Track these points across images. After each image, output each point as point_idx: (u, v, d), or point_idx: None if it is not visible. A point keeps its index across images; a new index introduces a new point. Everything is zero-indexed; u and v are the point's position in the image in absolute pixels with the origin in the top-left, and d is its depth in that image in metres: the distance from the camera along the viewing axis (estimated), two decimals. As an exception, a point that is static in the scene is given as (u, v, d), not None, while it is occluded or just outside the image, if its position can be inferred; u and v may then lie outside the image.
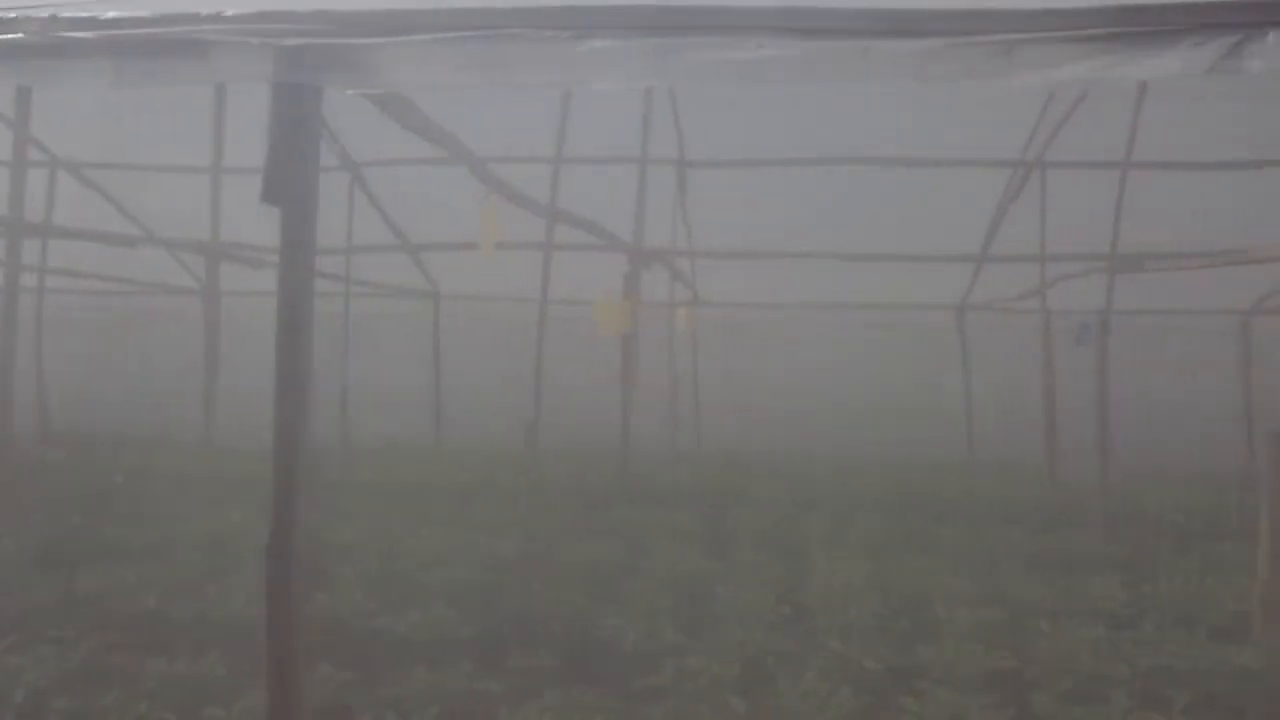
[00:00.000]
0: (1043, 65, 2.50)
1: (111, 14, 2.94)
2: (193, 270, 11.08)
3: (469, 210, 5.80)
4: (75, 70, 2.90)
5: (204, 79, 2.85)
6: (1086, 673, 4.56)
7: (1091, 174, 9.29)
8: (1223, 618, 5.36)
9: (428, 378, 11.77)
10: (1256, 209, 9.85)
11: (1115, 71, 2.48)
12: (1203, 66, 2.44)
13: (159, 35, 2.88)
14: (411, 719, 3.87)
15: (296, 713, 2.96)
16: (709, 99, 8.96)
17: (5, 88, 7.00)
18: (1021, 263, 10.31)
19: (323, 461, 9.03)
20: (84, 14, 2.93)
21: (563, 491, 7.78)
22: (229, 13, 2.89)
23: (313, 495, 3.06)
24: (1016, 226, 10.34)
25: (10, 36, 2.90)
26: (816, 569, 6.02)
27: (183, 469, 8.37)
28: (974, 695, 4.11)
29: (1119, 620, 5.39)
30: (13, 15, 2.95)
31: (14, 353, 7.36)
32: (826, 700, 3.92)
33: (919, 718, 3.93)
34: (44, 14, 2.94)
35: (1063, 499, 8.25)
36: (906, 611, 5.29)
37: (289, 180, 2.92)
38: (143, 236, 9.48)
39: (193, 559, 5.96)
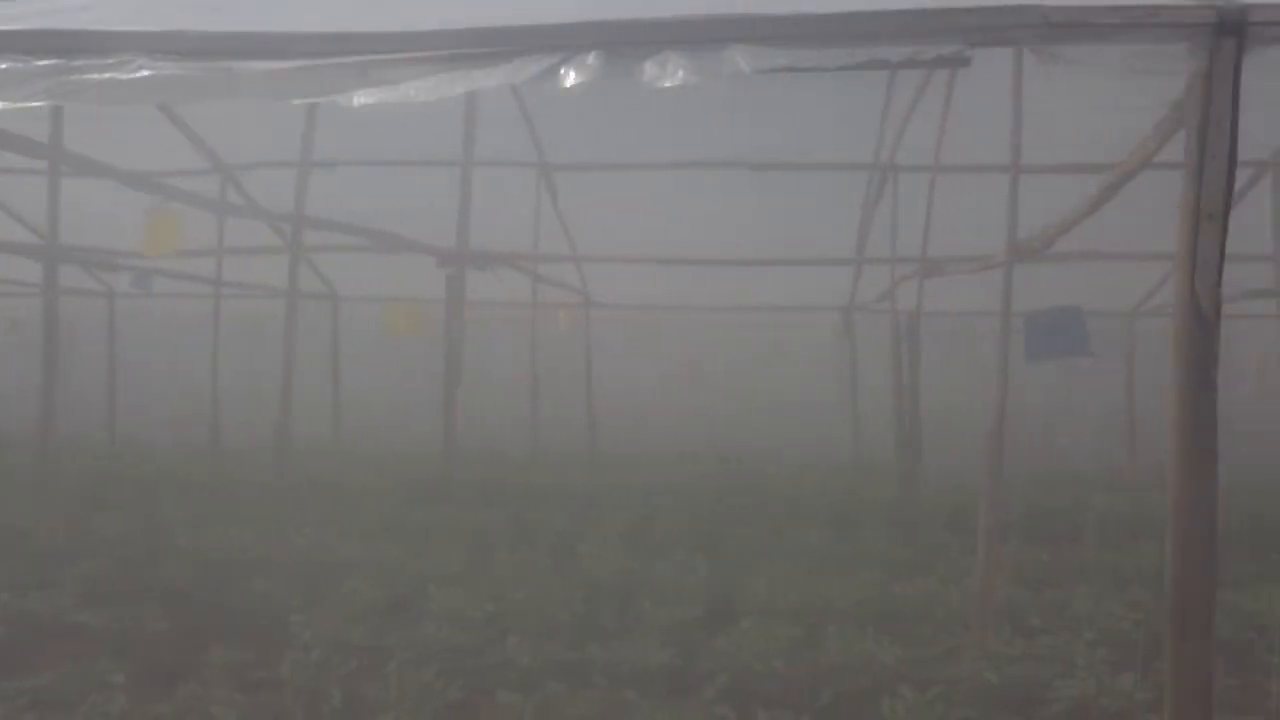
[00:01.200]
0: (393, 82, 2.67)
1: None
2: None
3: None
4: None
5: None
6: (747, 671, 4.69)
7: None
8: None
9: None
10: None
11: (456, 88, 2.65)
12: (522, 79, 2.61)
13: None
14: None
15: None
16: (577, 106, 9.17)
17: None
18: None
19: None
20: None
21: (372, 491, 7.98)
22: None
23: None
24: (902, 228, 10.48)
25: None
26: (557, 567, 6.18)
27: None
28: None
29: (854, 618, 5.51)
30: None
31: None
32: (425, 693, 4.10)
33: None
34: None
35: (901, 499, 8.37)
36: (613, 607, 5.44)
37: None
38: None
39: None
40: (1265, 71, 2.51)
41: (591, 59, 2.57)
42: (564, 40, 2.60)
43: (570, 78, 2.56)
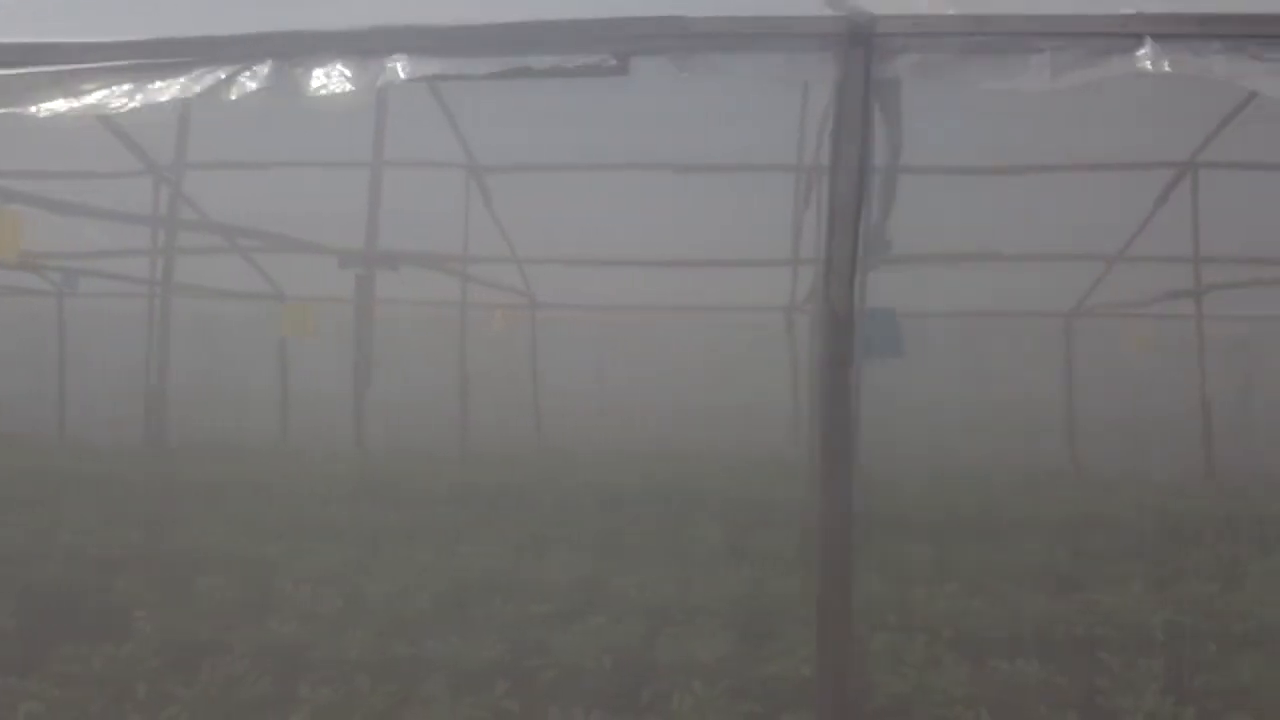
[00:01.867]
0: (84, 93, 2.75)
1: None
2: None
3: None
4: None
5: None
6: (575, 667, 4.76)
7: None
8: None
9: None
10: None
11: (135, 99, 2.72)
12: (200, 89, 2.69)
13: None
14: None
15: None
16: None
17: None
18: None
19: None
20: None
21: (287, 490, 8.06)
22: None
23: None
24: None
25: None
26: (427, 566, 6.26)
27: None
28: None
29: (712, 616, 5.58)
30: None
31: None
32: (229, 688, 4.18)
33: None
34: None
35: (792, 499, 8.39)
36: (467, 604, 5.51)
37: None
38: None
39: None
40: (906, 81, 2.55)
41: (266, 69, 2.63)
42: (240, 51, 2.67)
43: (246, 87, 2.64)
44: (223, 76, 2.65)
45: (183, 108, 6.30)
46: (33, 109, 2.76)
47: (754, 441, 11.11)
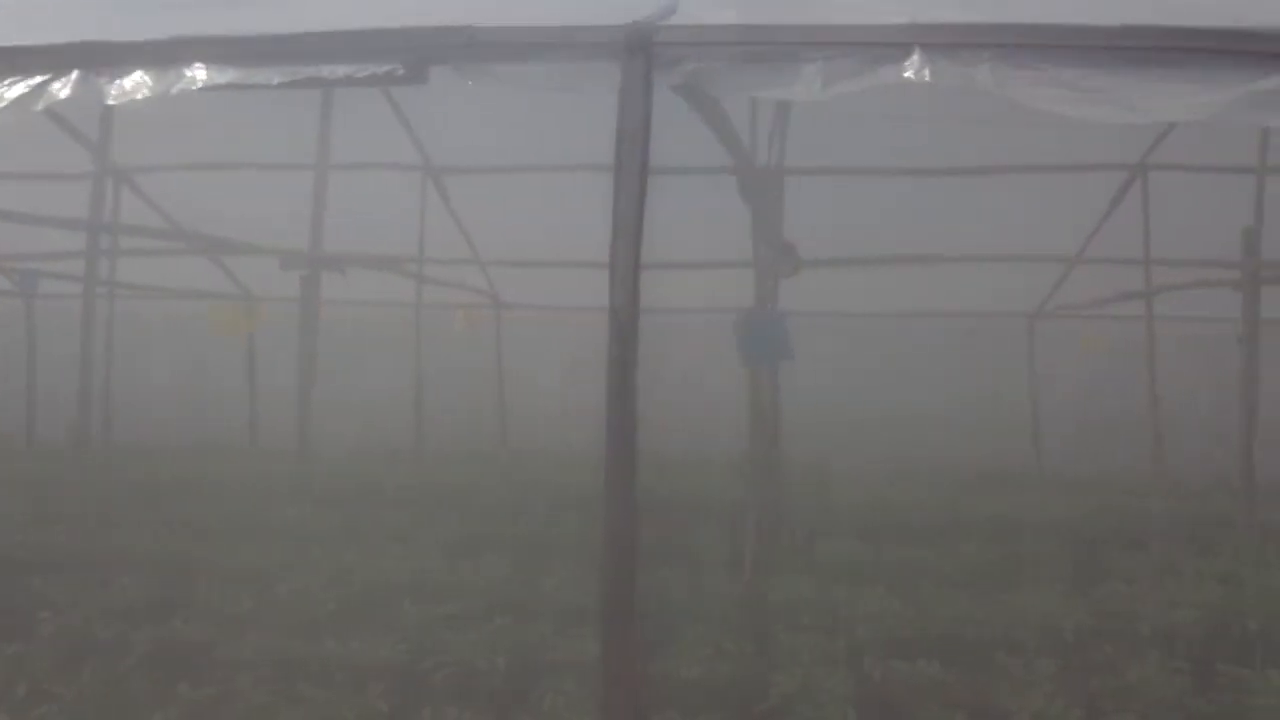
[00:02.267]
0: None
1: None
2: None
3: None
4: None
5: None
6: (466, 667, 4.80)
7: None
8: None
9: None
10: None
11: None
12: (12, 96, 2.74)
13: None
14: None
15: None
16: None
17: None
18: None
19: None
20: None
21: (236, 490, 8.11)
22: None
23: None
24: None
25: None
26: (350, 566, 6.31)
27: None
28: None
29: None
30: None
31: None
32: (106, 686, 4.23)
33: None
34: None
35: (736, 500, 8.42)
36: (377, 605, 5.56)
37: None
38: None
39: None
40: (678, 86, 2.59)
41: (73, 77, 2.68)
42: (48, 61, 2.72)
43: (55, 95, 2.69)
44: (34, 84, 2.71)
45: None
46: None
47: (714, 442, 11.12)
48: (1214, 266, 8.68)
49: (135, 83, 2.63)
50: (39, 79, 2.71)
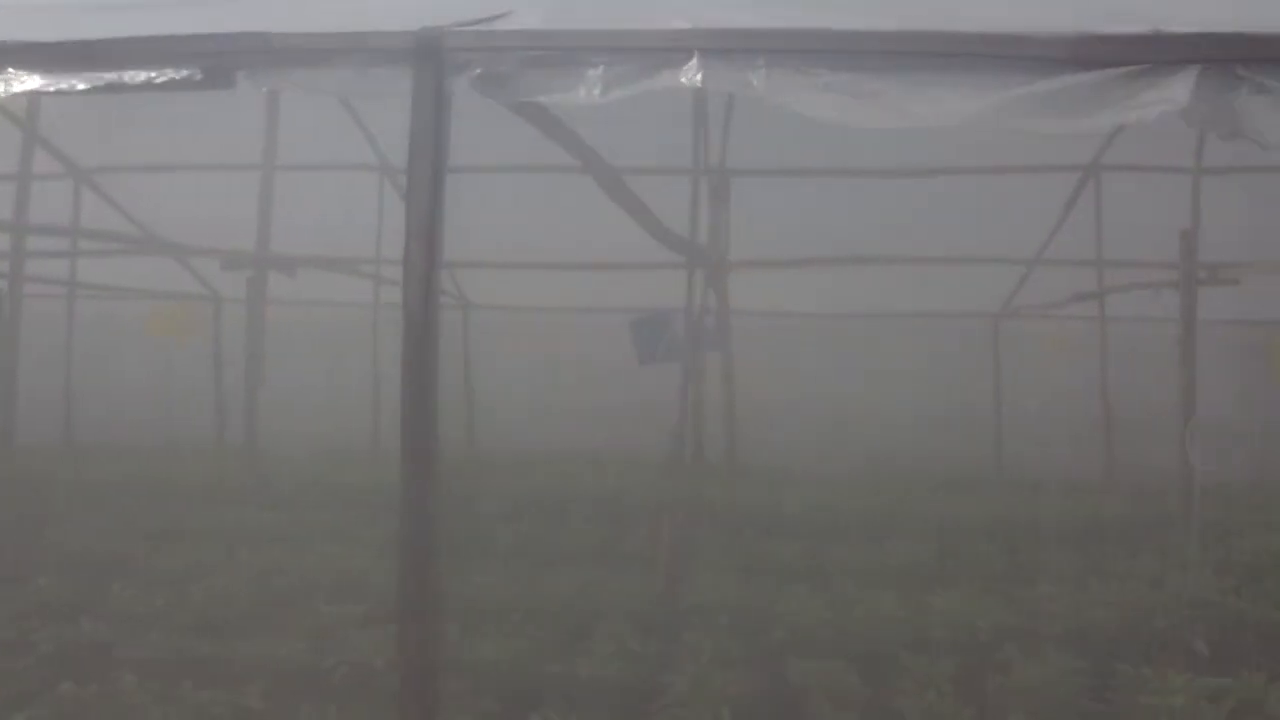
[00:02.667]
0: None
1: None
2: None
3: None
4: None
5: None
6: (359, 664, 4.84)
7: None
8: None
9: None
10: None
11: None
12: None
13: None
14: None
15: None
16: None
17: None
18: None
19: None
20: None
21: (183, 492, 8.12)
22: None
23: None
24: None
25: None
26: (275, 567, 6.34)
27: None
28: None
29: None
30: None
31: None
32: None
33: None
34: None
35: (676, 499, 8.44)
36: (289, 605, 5.60)
37: None
38: None
39: None
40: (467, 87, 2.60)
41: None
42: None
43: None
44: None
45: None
46: None
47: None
48: (1169, 268, 8.66)
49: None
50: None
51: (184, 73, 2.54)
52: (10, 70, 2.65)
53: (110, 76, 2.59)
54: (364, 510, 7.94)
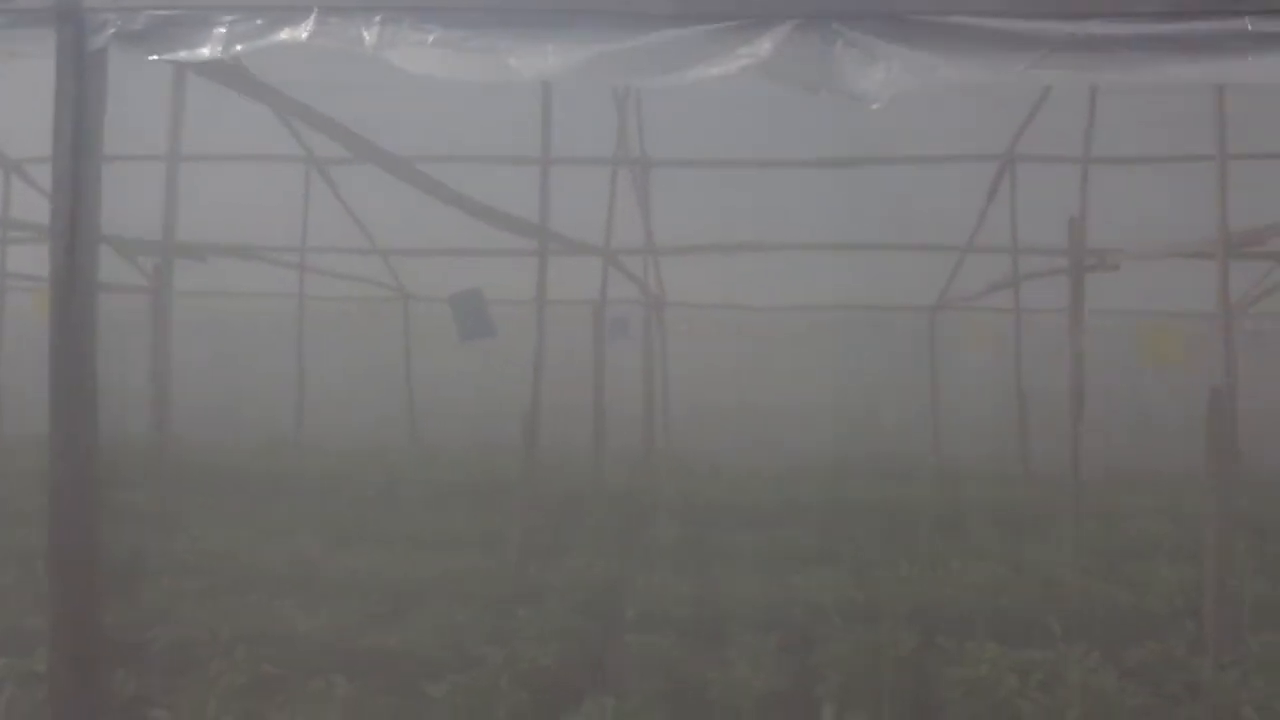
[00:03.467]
0: None
1: None
2: None
3: None
4: None
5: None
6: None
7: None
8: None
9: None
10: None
11: None
12: None
13: None
14: None
15: None
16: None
17: None
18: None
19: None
20: None
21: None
22: None
23: None
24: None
25: None
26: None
27: None
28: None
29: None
30: None
31: None
32: None
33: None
34: None
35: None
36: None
37: None
38: None
39: None
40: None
41: None
42: None
43: None
44: None
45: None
46: None
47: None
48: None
49: None
50: None
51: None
52: None
53: None
54: (271, 495, 8.03)
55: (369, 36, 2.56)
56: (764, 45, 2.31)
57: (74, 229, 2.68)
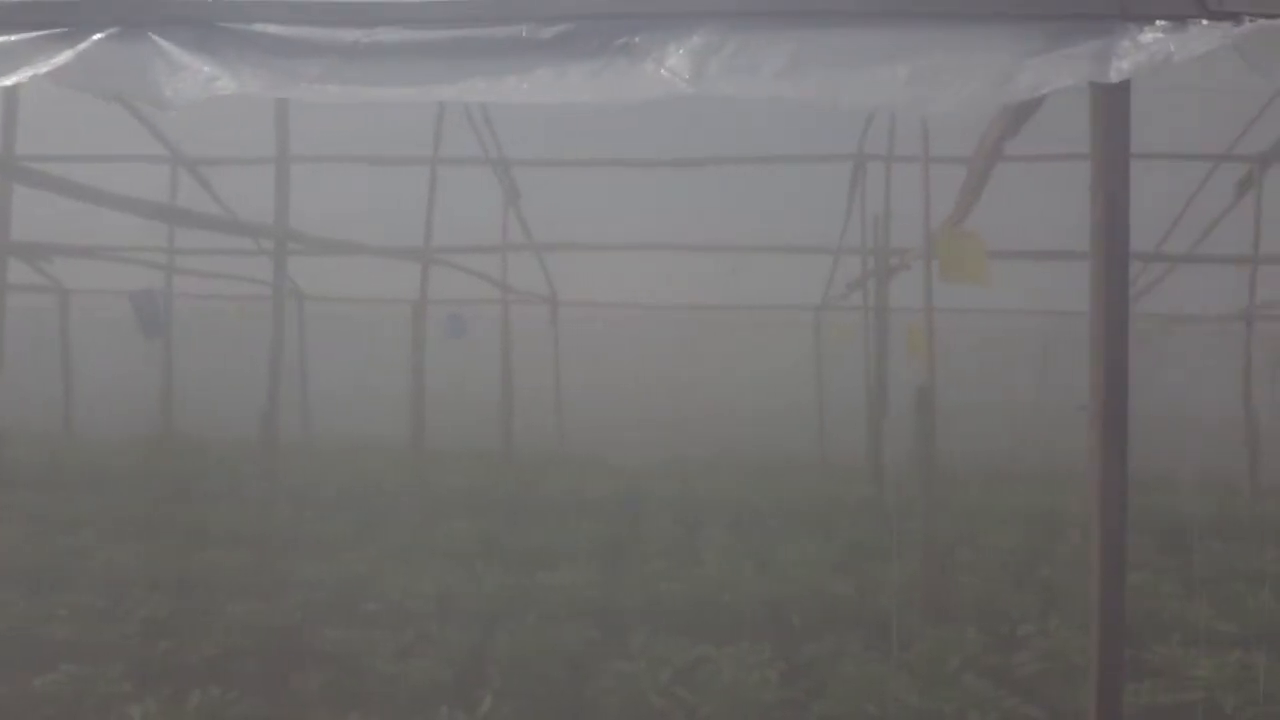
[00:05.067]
0: None
1: None
2: None
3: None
4: None
5: None
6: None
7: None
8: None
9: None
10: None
11: None
12: None
13: None
14: None
15: None
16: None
17: None
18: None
19: None
20: None
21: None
22: None
23: None
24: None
25: None
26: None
27: None
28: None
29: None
30: None
31: None
32: None
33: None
34: None
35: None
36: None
37: None
38: None
39: None
40: None
41: None
42: None
43: None
44: None
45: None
46: None
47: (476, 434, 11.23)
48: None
49: None
50: None
51: None
52: None
53: None
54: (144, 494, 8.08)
55: None
56: (67, 54, 2.39)
57: None
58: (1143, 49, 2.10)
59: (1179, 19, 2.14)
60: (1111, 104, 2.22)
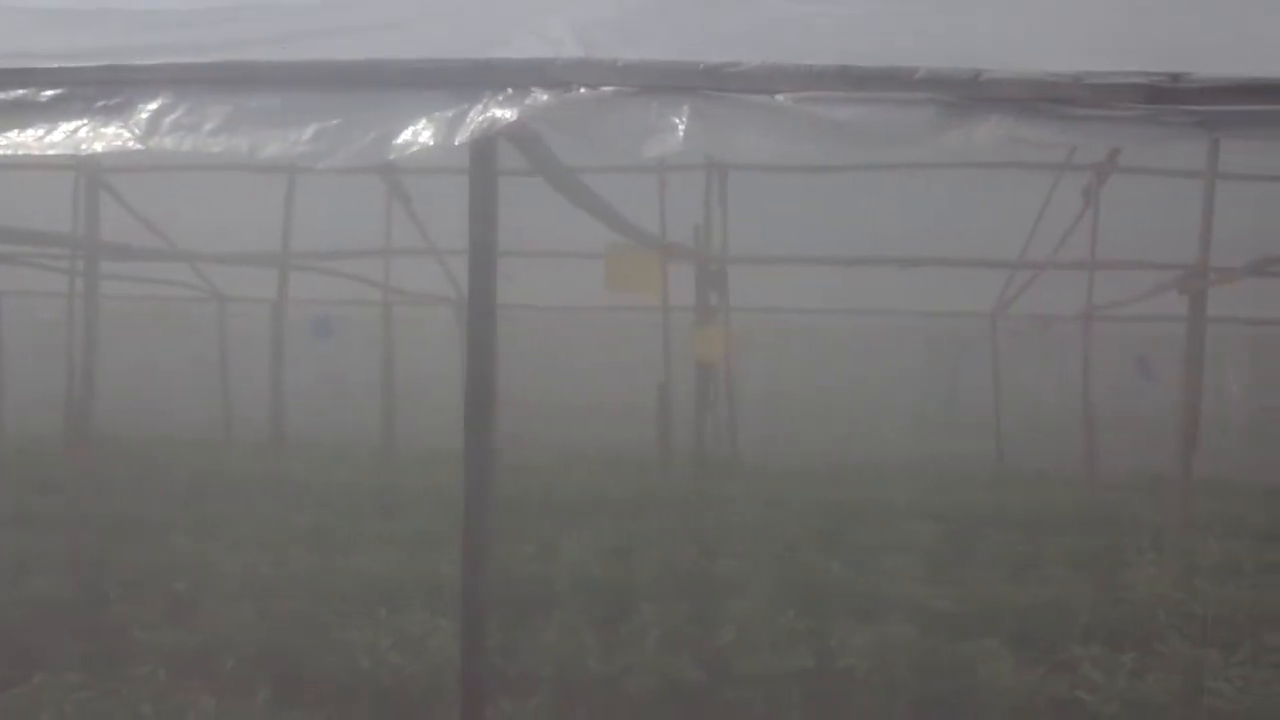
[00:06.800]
0: None
1: None
2: None
3: None
4: None
5: None
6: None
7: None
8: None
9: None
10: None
11: None
12: None
13: None
14: None
15: None
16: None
17: None
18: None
19: None
20: None
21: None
22: None
23: None
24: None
25: None
26: None
27: None
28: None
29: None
30: None
31: None
32: None
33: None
34: None
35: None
36: None
37: None
38: None
39: None
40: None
41: None
42: None
43: None
44: None
45: None
46: None
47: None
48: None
49: None
50: None
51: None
52: None
53: None
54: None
55: None
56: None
57: None
58: (488, 117, 2.56)
59: (523, 89, 2.59)
60: (478, 159, 2.69)
